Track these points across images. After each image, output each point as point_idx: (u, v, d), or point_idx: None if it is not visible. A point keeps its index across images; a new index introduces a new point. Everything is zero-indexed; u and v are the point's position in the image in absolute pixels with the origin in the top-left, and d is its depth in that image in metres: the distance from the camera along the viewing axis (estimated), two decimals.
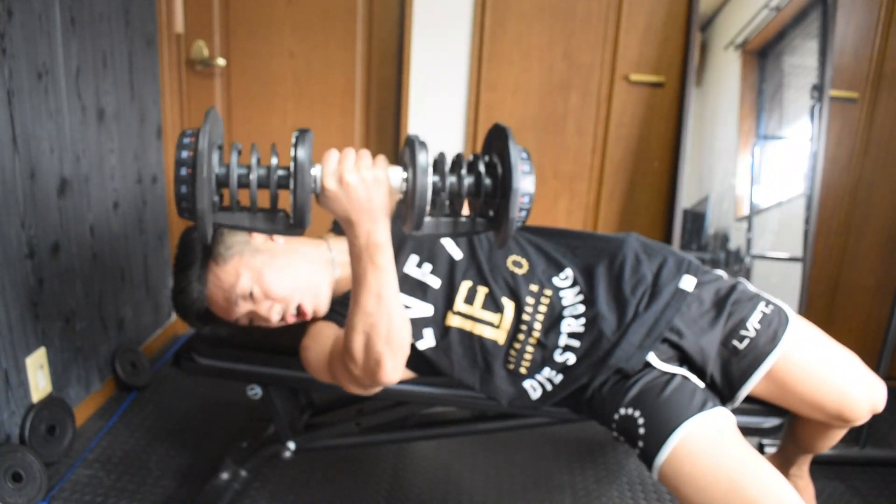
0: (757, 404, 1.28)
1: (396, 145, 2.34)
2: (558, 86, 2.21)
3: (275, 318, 1.16)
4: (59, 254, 1.75)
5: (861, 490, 1.79)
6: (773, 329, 1.20)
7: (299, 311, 1.17)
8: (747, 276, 2.15)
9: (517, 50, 2.18)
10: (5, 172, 1.52)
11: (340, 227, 1.31)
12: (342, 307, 1.21)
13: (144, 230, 2.23)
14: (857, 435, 1.89)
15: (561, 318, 1.20)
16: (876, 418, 1.95)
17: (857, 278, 2.36)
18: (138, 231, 2.19)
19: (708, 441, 1.06)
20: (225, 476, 1.52)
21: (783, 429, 1.42)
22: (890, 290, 2.15)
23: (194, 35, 2.29)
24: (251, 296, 1.15)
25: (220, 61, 2.29)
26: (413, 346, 1.21)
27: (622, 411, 1.14)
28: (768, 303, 1.25)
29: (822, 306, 2.36)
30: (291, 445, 1.47)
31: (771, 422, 1.30)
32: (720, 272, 1.32)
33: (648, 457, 1.09)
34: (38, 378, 1.69)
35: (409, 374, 1.28)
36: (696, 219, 2.17)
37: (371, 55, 2.30)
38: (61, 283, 1.77)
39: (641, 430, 1.10)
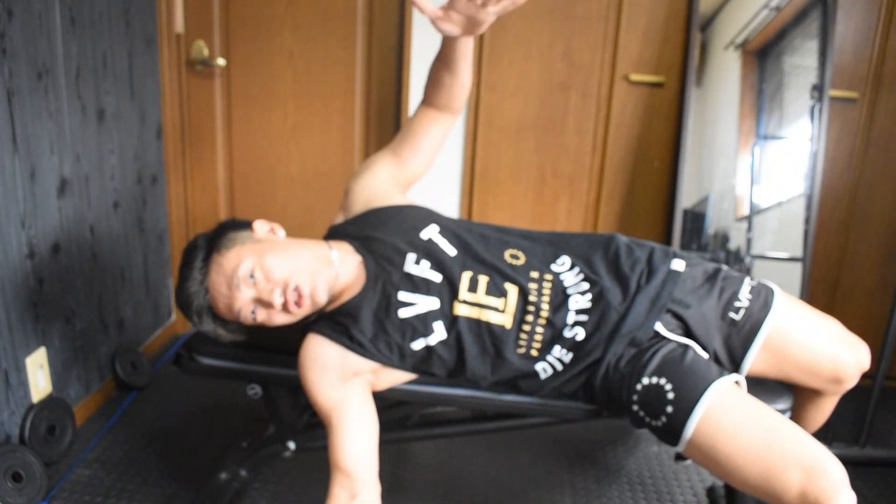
0: (762, 389, 1.28)
1: None
2: (558, 86, 2.21)
3: (277, 300, 1.15)
4: (59, 254, 1.75)
5: (861, 490, 1.79)
6: (764, 297, 1.27)
7: (297, 295, 1.16)
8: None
9: (517, 50, 2.18)
10: (5, 172, 1.52)
11: (336, 234, 1.33)
12: (333, 323, 1.22)
13: (144, 230, 2.23)
14: (857, 435, 1.90)
15: (567, 295, 1.23)
16: (876, 418, 1.96)
17: (857, 278, 2.36)
18: (138, 231, 2.19)
19: (736, 398, 1.11)
20: (225, 476, 1.51)
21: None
22: (890, 290, 2.15)
23: (194, 35, 2.29)
24: (252, 280, 1.15)
25: (220, 61, 2.29)
26: (425, 345, 1.22)
27: (646, 381, 1.16)
28: (752, 278, 1.32)
29: (822, 306, 2.32)
30: (291, 445, 1.47)
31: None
32: (705, 259, 1.38)
33: (677, 424, 1.11)
34: (38, 378, 1.69)
35: (410, 376, 1.29)
36: (696, 219, 2.17)
37: (371, 55, 2.30)
38: (61, 283, 1.77)
39: (670, 396, 1.12)
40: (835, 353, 1.26)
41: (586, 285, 1.24)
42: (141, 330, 2.27)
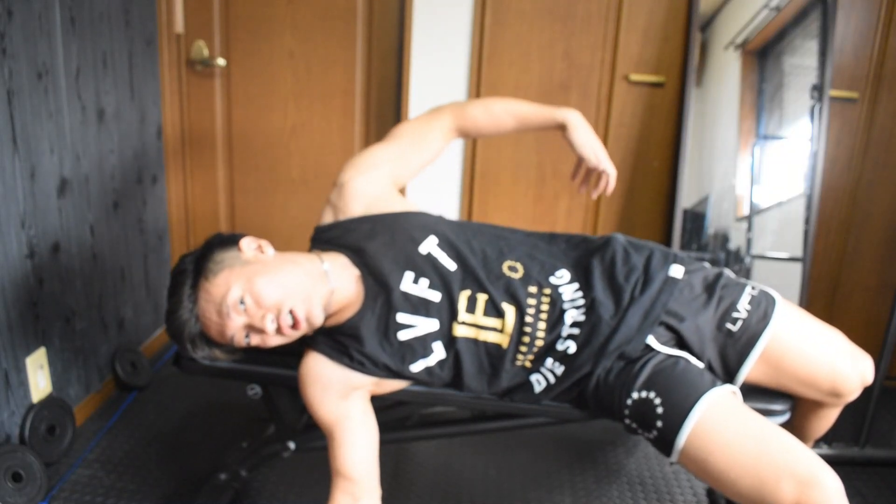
0: (759, 401, 1.28)
1: None
2: (558, 86, 2.21)
3: (269, 327, 1.11)
4: (59, 254, 1.75)
5: (861, 490, 1.79)
6: (763, 308, 1.24)
7: (293, 320, 1.13)
8: (747, 277, 2.15)
9: (517, 50, 2.18)
10: (5, 172, 1.52)
11: (327, 242, 1.28)
12: (333, 341, 1.20)
13: (144, 230, 2.23)
14: (857, 435, 1.90)
15: (564, 310, 1.22)
16: (876, 418, 1.96)
17: (857, 278, 2.36)
18: (138, 231, 2.19)
19: (729, 410, 1.09)
20: (224, 476, 1.51)
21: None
22: (890, 290, 2.15)
23: (194, 35, 2.29)
24: (243, 307, 1.11)
25: (220, 61, 2.29)
26: (425, 367, 1.22)
27: (635, 395, 1.14)
28: (754, 286, 1.29)
29: (822, 306, 2.36)
30: (291, 445, 1.47)
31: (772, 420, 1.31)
32: (705, 263, 1.35)
33: (668, 437, 1.09)
34: (38, 378, 1.69)
35: (404, 384, 1.28)
36: (696, 219, 2.17)
37: (371, 55, 2.30)
38: (61, 283, 1.77)
39: (659, 410, 1.11)
40: (834, 366, 1.23)
41: (582, 300, 1.22)
42: (141, 330, 2.27)
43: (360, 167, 1.31)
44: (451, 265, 1.22)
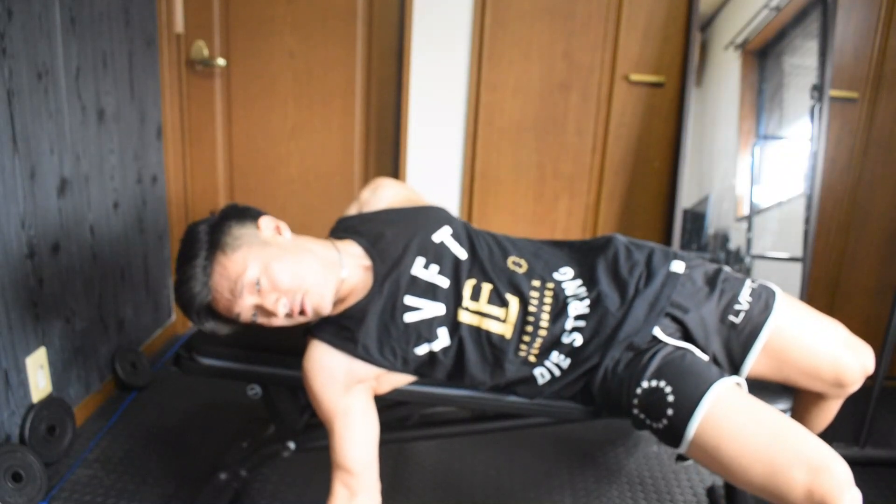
0: (762, 391, 1.28)
1: (396, 145, 2.34)
2: (558, 86, 2.21)
3: (281, 310, 1.13)
4: (59, 254, 1.75)
5: (861, 490, 1.78)
6: (764, 300, 1.26)
7: (301, 308, 1.15)
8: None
9: (517, 50, 2.18)
10: (5, 172, 1.52)
11: (346, 230, 1.32)
12: (337, 328, 1.21)
13: (144, 230, 2.23)
14: (857, 435, 1.90)
15: (567, 303, 1.24)
16: (876, 418, 1.96)
17: (857, 278, 2.36)
18: (138, 231, 2.19)
19: (738, 399, 1.10)
20: (224, 476, 1.51)
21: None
22: (890, 290, 2.15)
23: (194, 35, 2.29)
24: (258, 287, 1.12)
25: (220, 61, 2.29)
26: (429, 351, 1.23)
27: (645, 384, 1.15)
28: (754, 280, 1.31)
29: (822, 306, 2.32)
30: (291, 445, 1.47)
31: None
32: (704, 260, 1.37)
33: (678, 426, 1.10)
34: (38, 378, 1.69)
35: (411, 378, 1.29)
36: (696, 219, 2.17)
37: (371, 55, 2.30)
38: (61, 283, 1.77)
39: (670, 399, 1.12)
40: (836, 356, 1.25)
41: (585, 292, 1.25)
42: (141, 330, 2.27)
43: (396, 181, 1.46)
44: (462, 254, 1.26)
